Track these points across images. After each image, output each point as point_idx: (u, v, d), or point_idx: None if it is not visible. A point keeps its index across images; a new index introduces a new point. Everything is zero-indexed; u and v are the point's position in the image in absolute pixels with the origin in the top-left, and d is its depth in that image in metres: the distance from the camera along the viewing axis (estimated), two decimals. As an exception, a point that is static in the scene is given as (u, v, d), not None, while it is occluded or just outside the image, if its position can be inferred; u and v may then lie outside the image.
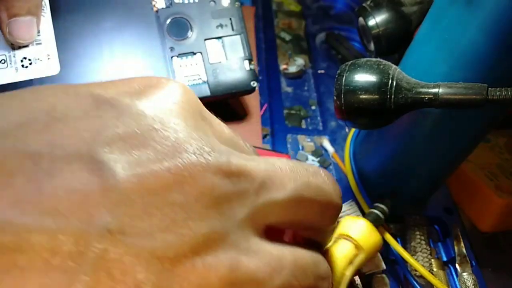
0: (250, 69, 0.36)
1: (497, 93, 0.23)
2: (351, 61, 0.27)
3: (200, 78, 0.35)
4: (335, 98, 0.26)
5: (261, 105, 0.43)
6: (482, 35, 0.24)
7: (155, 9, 0.35)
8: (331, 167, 0.40)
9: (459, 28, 0.25)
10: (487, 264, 0.35)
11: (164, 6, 0.35)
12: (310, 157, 0.40)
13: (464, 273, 0.33)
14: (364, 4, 0.34)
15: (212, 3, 0.36)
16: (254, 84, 0.36)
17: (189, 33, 0.35)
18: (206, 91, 0.35)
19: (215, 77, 0.35)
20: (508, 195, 0.35)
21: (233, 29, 0.36)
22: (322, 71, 0.50)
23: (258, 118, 0.41)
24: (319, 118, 0.45)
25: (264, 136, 0.41)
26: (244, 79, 0.36)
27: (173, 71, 0.35)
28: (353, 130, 0.40)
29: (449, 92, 0.24)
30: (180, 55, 0.35)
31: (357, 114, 0.26)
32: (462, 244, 0.35)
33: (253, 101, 0.42)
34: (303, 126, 0.44)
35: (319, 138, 0.42)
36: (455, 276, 0.34)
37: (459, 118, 0.28)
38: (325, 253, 0.28)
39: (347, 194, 0.37)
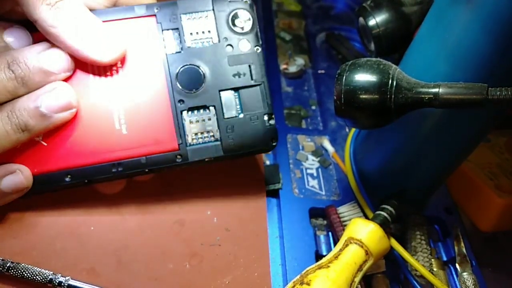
0: (270, 125, 0.31)
1: (497, 93, 0.23)
2: (351, 61, 0.27)
3: (213, 136, 0.31)
4: (335, 98, 0.26)
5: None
6: (483, 35, 0.24)
7: (163, 54, 0.30)
8: (331, 167, 0.40)
9: (459, 28, 0.25)
10: (487, 264, 0.35)
11: (175, 51, 0.30)
12: (310, 157, 0.40)
13: (464, 273, 0.33)
14: (364, 4, 0.34)
15: (229, 47, 0.31)
16: (274, 143, 0.31)
17: (202, 84, 0.30)
18: (219, 151, 0.30)
19: (229, 134, 0.31)
20: (508, 195, 0.35)
21: (252, 78, 0.31)
22: (322, 71, 0.50)
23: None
24: (319, 118, 0.45)
25: (264, 136, 0.41)
26: (262, 137, 0.31)
27: (183, 127, 0.30)
28: (353, 130, 0.40)
29: (449, 92, 0.24)
30: (190, 109, 0.30)
31: (357, 114, 0.26)
32: (462, 244, 0.35)
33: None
34: (303, 126, 0.44)
35: (319, 138, 0.42)
36: (455, 276, 0.34)
37: (459, 118, 0.28)
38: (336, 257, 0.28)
39: (347, 194, 0.37)
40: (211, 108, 0.31)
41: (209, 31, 0.31)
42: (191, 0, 0.31)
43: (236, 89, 0.31)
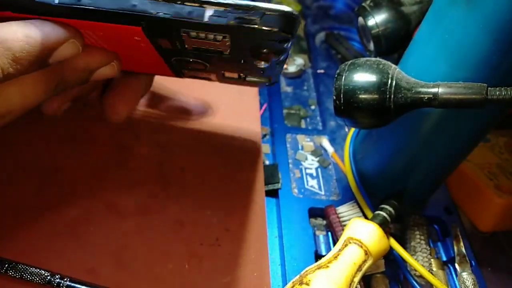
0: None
1: (497, 93, 0.23)
2: (351, 61, 0.27)
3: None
4: (334, 97, 0.26)
5: (261, 105, 0.43)
6: (482, 35, 0.24)
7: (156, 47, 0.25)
8: (330, 166, 0.40)
9: (459, 27, 0.25)
10: (487, 264, 0.35)
11: (171, 48, 0.25)
12: (310, 157, 0.40)
13: (464, 273, 0.33)
14: (363, 4, 0.34)
15: (243, 62, 0.26)
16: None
17: (204, 68, 0.28)
18: None
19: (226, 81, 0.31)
20: (508, 195, 0.35)
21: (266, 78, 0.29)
22: (322, 71, 0.50)
23: (257, 118, 0.41)
24: (318, 117, 0.45)
25: (264, 136, 0.41)
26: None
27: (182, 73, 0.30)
28: (352, 129, 0.40)
29: (449, 91, 0.24)
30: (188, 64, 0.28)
31: (356, 113, 0.26)
32: (462, 244, 0.35)
33: (252, 101, 0.42)
34: (303, 125, 0.44)
35: (319, 138, 0.42)
36: (454, 275, 0.34)
37: (459, 118, 0.28)
38: (335, 257, 0.28)
39: (347, 194, 0.37)
40: (213, 75, 0.30)
41: (219, 50, 0.24)
42: (196, 16, 0.21)
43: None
